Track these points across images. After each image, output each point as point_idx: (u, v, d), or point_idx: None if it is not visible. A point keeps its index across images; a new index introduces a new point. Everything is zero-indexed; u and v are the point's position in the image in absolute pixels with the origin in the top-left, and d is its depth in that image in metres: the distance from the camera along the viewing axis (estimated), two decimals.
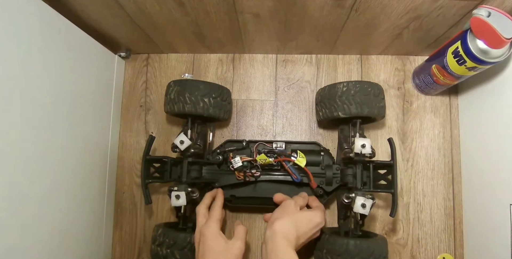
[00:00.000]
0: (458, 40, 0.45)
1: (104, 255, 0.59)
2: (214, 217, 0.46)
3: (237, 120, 0.63)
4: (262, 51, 0.64)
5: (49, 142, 0.43)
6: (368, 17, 0.48)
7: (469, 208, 0.56)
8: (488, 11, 0.40)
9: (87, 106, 0.53)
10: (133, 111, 0.64)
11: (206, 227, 0.45)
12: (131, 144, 0.63)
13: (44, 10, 0.43)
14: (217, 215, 0.47)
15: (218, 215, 0.47)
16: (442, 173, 0.59)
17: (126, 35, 0.58)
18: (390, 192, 0.48)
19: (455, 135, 0.60)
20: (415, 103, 0.61)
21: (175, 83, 0.52)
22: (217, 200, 0.51)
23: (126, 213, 0.62)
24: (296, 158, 0.52)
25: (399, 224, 0.58)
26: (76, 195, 0.50)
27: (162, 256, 0.48)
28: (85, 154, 0.52)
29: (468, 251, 0.56)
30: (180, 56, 0.66)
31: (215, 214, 0.47)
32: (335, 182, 0.53)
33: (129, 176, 0.63)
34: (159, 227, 0.50)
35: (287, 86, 0.63)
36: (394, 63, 0.63)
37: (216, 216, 0.47)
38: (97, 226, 0.57)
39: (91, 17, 0.51)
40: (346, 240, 0.46)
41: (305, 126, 0.62)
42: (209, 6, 0.47)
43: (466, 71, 0.47)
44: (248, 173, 0.52)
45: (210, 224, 0.45)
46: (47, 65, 0.43)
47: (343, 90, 0.50)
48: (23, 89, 0.39)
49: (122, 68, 0.65)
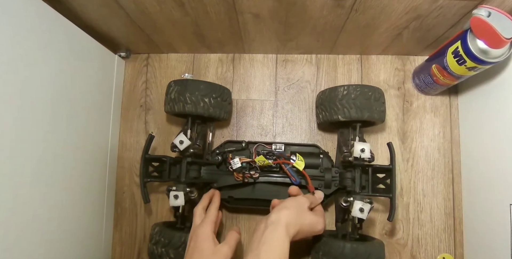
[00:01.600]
0: (458, 40, 0.45)
1: (104, 255, 0.59)
2: (209, 218, 0.47)
3: (237, 120, 0.63)
4: (262, 51, 0.64)
5: (49, 142, 0.43)
6: (368, 17, 0.48)
7: (469, 208, 0.56)
8: (488, 11, 0.40)
9: (87, 106, 0.53)
10: (133, 111, 0.64)
11: (200, 228, 0.45)
12: (131, 144, 0.63)
13: (44, 10, 0.43)
14: (212, 216, 0.47)
15: (214, 217, 0.48)
16: (442, 173, 0.59)
17: (126, 35, 0.58)
18: (388, 196, 0.48)
19: (455, 135, 0.60)
20: (415, 103, 0.61)
21: (175, 83, 0.52)
22: (213, 202, 0.51)
23: (126, 213, 0.62)
24: (295, 161, 0.52)
25: (399, 224, 0.58)
26: (76, 195, 0.50)
27: (157, 255, 0.48)
28: (85, 154, 0.52)
29: (468, 251, 0.56)
30: (180, 56, 0.66)
31: (210, 215, 0.47)
32: (334, 185, 0.53)
33: (129, 176, 0.63)
34: (157, 226, 0.50)
35: (287, 86, 0.63)
36: (394, 63, 0.63)
37: (211, 217, 0.47)
38: (97, 226, 0.57)
39: (91, 17, 0.51)
40: (343, 243, 0.46)
41: (305, 126, 0.62)
42: (209, 6, 0.47)
43: (466, 71, 0.47)
44: (247, 174, 0.52)
45: (204, 225, 0.46)
46: (47, 65, 0.43)
47: (344, 93, 0.50)
48: (23, 89, 0.39)
49: (122, 68, 0.65)
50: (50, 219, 0.44)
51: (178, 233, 0.48)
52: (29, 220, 0.40)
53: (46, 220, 0.43)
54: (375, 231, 0.58)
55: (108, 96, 0.60)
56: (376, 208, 0.58)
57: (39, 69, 0.41)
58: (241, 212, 0.60)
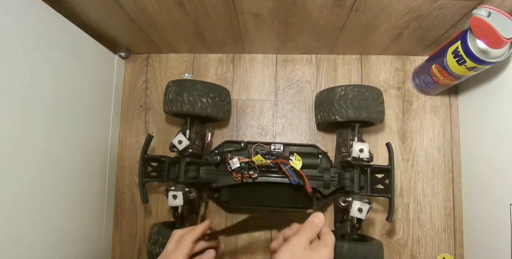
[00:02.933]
0: (458, 40, 0.45)
1: (104, 256, 0.59)
2: (183, 250, 0.41)
3: (237, 120, 0.63)
4: (262, 51, 0.64)
5: (49, 142, 0.43)
6: (368, 17, 0.48)
7: (469, 208, 0.56)
8: (488, 11, 0.40)
9: (87, 106, 0.53)
10: (133, 111, 0.64)
11: None
12: (131, 144, 0.64)
13: (44, 10, 0.43)
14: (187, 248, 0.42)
15: (188, 249, 0.42)
16: (442, 173, 0.59)
17: (126, 35, 0.58)
18: (387, 196, 0.48)
19: (455, 135, 0.60)
20: (415, 103, 0.61)
21: (173, 83, 0.52)
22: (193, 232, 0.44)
23: (126, 213, 0.62)
24: (292, 161, 0.52)
25: (399, 224, 0.58)
26: (76, 195, 0.50)
27: (155, 255, 0.48)
28: (85, 154, 0.52)
29: (468, 251, 0.56)
30: (180, 56, 0.66)
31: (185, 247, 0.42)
32: (333, 185, 0.53)
33: (129, 176, 0.63)
34: (156, 226, 0.50)
35: (287, 86, 0.63)
36: (394, 63, 0.63)
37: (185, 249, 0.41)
38: (97, 226, 0.57)
39: (91, 17, 0.51)
40: (341, 243, 0.45)
41: (305, 126, 0.62)
42: (209, 6, 0.47)
43: (466, 71, 0.47)
44: (245, 174, 0.52)
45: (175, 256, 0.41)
46: (47, 65, 0.43)
47: (341, 94, 0.50)
48: (23, 89, 0.39)
49: (122, 68, 0.65)
50: (50, 219, 0.44)
51: None
52: (29, 220, 0.40)
53: (46, 220, 0.43)
54: (375, 231, 0.58)
55: (108, 96, 0.60)
56: (375, 208, 0.58)
57: (39, 69, 0.41)
58: (240, 212, 0.60)
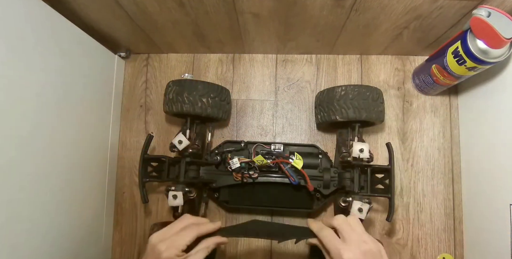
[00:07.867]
0: (458, 40, 0.45)
1: (104, 255, 0.59)
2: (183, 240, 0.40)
3: (237, 120, 0.63)
4: (262, 51, 0.64)
5: (49, 142, 0.43)
6: (368, 17, 0.48)
7: (469, 208, 0.56)
8: (488, 11, 0.40)
9: (87, 106, 0.53)
10: (133, 111, 0.64)
11: None
12: (131, 144, 0.64)
13: (44, 10, 0.43)
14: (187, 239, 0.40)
15: (187, 241, 0.40)
16: (442, 173, 0.59)
17: (126, 35, 0.58)
18: (387, 196, 0.48)
19: (455, 135, 0.60)
20: (415, 103, 0.61)
21: (173, 83, 0.52)
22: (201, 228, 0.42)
23: (126, 213, 0.62)
24: (293, 160, 0.52)
25: (399, 224, 0.58)
26: (76, 195, 0.50)
27: None
28: (85, 154, 0.52)
29: (468, 251, 0.56)
30: (180, 56, 0.66)
31: None
32: (333, 185, 0.53)
33: (129, 176, 0.63)
34: (155, 226, 0.50)
35: (287, 86, 0.63)
36: (394, 63, 0.63)
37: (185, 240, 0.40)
38: (97, 226, 0.57)
39: (91, 17, 0.51)
40: None
41: (305, 126, 0.62)
42: (209, 6, 0.47)
43: (466, 71, 0.47)
44: (245, 174, 0.52)
45: None
46: (47, 65, 0.43)
47: (341, 94, 0.50)
48: (22, 90, 0.39)
49: (122, 68, 0.65)
50: (50, 219, 0.44)
51: None
52: (29, 220, 0.40)
53: (46, 220, 0.43)
54: (375, 231, 0.58)
55: (108, 96, 0.60)
56: (375, 208, 0.58)
57: (38, 69, 0.41)
58: (241, 212, 0.60)
